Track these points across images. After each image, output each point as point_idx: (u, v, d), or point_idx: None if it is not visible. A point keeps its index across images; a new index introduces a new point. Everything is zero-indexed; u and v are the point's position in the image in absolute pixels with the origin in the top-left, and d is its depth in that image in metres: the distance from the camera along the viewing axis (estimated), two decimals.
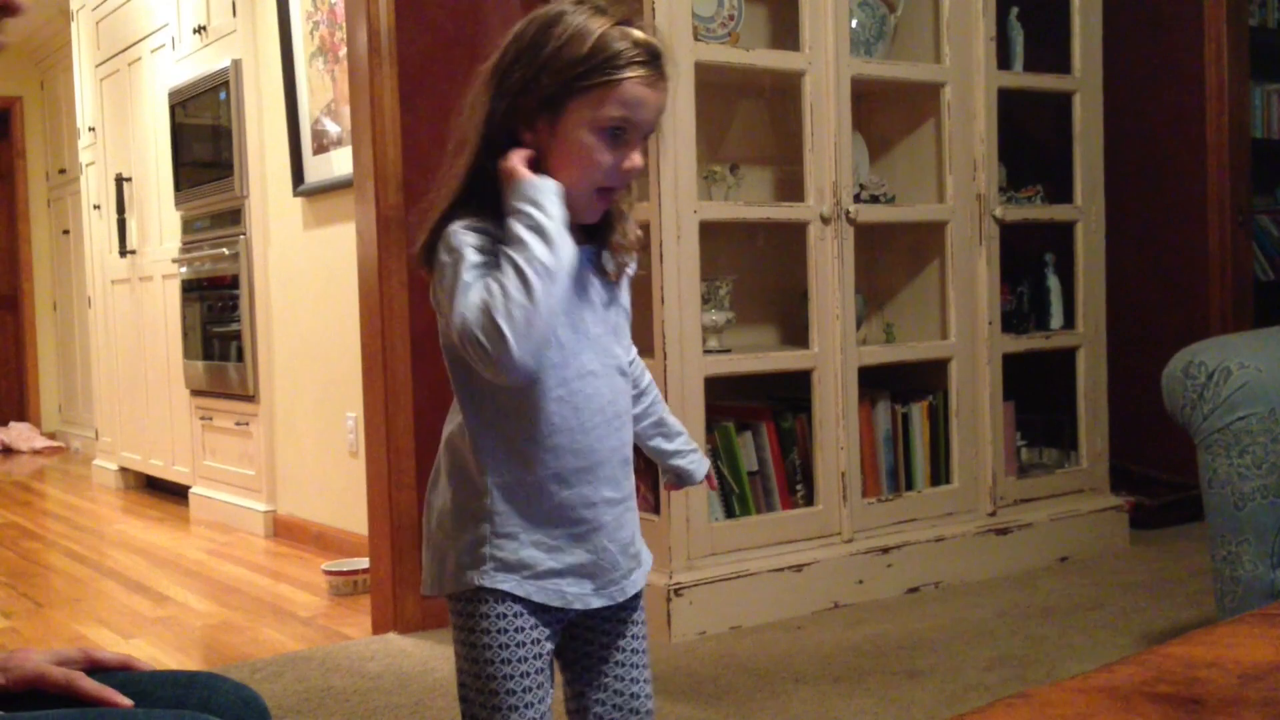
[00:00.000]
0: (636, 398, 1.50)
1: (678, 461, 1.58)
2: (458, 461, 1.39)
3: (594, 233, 1.39)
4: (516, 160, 1.30)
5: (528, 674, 1.38)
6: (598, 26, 1.30)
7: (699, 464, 1.60)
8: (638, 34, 1.32)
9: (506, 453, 1.35)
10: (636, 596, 1.45)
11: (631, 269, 1.44)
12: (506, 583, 1.36)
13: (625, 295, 1.44)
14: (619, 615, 1.45)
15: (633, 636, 1.47)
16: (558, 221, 1.27)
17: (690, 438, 1.62)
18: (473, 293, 1.25)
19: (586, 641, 1.45)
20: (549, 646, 1.40)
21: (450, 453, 1.40)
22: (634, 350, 1.49)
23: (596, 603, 1.39)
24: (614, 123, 1.31)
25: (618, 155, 1.32)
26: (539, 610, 1.38)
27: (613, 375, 1.40)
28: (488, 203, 1.32)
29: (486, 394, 1.35)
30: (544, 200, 1.27)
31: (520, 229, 1.26)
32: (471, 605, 1.38)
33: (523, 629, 1.37)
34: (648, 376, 1.55)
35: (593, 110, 1.30)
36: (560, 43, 1.30)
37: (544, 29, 1.32)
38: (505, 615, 1.37)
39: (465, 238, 1.29)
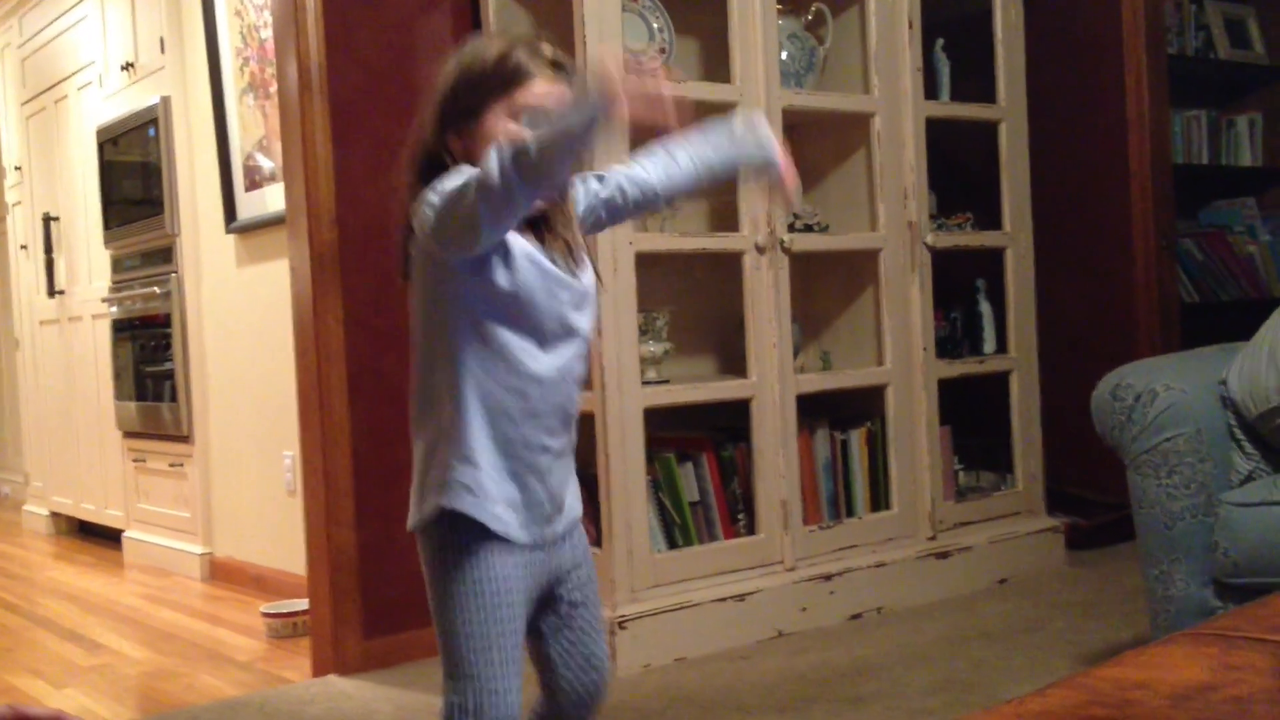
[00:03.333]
0: (611, 200, 1.66)
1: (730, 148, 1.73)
2: (434, 402, 1.55)
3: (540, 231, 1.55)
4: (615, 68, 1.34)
5: (502, 604, 1.52)
6: (502, 43, 1.56)
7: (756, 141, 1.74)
8: (543, 46, 1.55)
9: (474, 389, 1.51)
10: (584, 555, 1.63)
11: (588, 270, 1.59)
12: (463, 502, 1.50)
13: (586, 274, 1.59)
14: (575, 574, 1.62)
15: (587, 598, 1.63)
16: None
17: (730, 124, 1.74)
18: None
19: (549, 602, 1.60)
20: (521, 584, 1.53)
21: (426, 396, 1.56)
22: (603, 192, 1.65)
23: (522, 537, 1.53)
24: (528, 111, 1.51)
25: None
26: (500, 542, 1.51)
27: (566, 339, 1.55)
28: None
29: (468, 331, 1.51)
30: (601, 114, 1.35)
31: (575, 118, 1.35)
32: (439, 528, 1.53)
33: (487, 550, 1.51)
34: (612, 180, 1.66)
35: (507, 106, 1.52)
36: (471, 59, 1.55)
37: (459, 52, 1.58)
38: (472, 535, 1.51)
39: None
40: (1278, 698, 0.93)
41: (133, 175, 4.69)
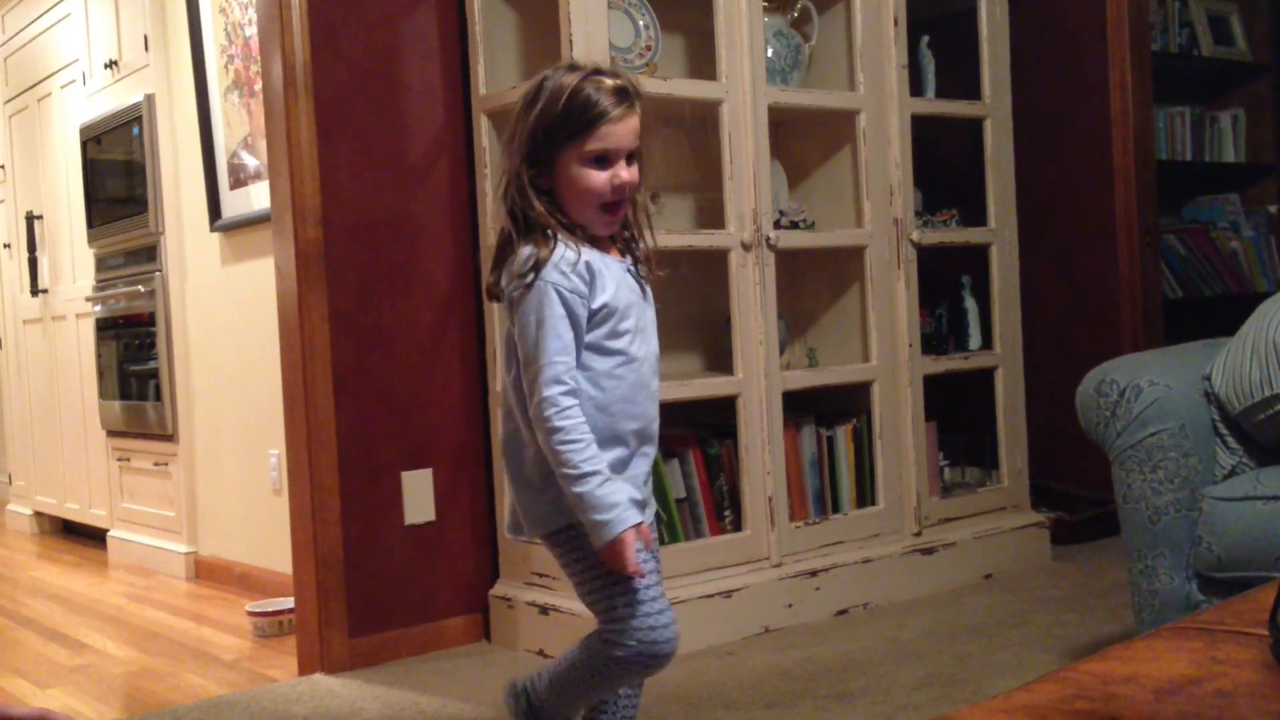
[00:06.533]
0: None
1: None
2: None
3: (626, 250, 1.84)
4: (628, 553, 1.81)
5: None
6: (569, 83, 1.69)
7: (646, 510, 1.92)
8: (606, 81, 1.70)
9: (589, 412, 1.75)
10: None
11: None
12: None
13: (650, 299, 1.88)
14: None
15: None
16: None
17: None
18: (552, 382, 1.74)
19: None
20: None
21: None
22: None
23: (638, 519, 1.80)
24: (595, 154, 1.70)
25: (607, 174, 1.71)
26: None
27: (653, 360, 1.85)
28: (534, 231, 1.73)
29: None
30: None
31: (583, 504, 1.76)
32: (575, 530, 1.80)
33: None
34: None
35: (578, 149, 1.70)
36: (542, 105, 1.70)
37: (532, 96, 1.72)
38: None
39: (556, 301, 1.72)
40: (1261, 691, 0.94)
41: (116, 174, 4.66)
